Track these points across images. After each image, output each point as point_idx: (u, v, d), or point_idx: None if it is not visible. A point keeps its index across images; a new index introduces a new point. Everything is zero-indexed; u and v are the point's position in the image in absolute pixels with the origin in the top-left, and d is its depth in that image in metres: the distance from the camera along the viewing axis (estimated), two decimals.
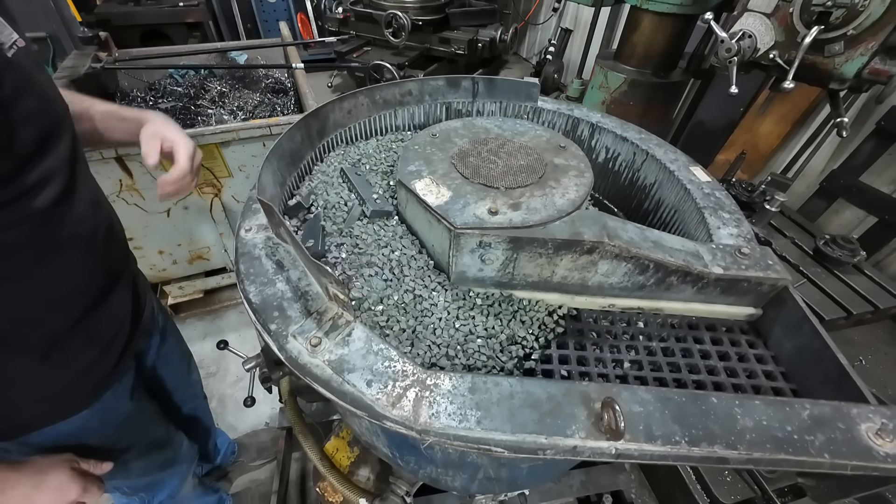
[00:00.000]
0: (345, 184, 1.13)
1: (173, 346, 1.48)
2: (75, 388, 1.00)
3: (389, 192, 1.11)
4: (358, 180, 1.11)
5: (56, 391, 0.97)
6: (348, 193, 1.09)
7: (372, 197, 1.06)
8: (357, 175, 1.13)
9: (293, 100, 3.09)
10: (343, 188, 1.11)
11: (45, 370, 0.93)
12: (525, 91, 1.38)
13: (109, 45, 2.89)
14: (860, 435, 0.60)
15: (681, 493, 1.49)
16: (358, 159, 1.21)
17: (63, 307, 0.92)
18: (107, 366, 1.04)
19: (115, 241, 1.10)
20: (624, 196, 1.36)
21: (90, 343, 1.00)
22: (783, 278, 0.84)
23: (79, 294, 0.95)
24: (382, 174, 1.18)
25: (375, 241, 0.97)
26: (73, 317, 0.94)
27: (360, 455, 1.39)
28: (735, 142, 3.14)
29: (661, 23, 2.31)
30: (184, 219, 2.48)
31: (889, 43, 1.41)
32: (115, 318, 1.07)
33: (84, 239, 0.94)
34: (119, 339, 1.08)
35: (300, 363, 0.68)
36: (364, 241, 0.97)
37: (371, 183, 1.13)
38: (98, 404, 1.04)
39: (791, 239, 2.06)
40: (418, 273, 0.93)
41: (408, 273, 0.92)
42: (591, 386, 0.65)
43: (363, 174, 1.15)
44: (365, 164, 1.20)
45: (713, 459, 0.58)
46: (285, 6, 6.28)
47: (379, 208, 1.03)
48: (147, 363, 1.35)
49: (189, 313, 2.99)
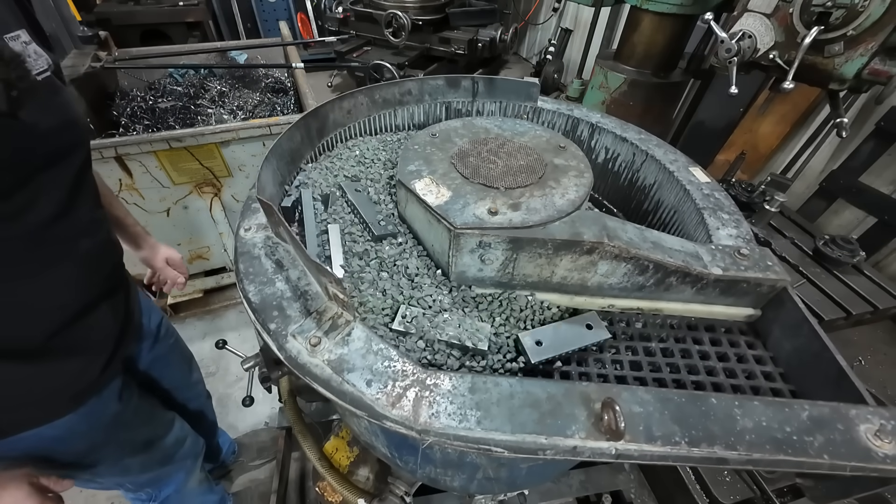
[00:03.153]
0: (343, 199, 1.08)
1: (171, 347, 1.48)
2: (58, 395, 0.99)
3: (393, 208, 1.05)
4: (358, 198, 1.05)
5: (39, 398, 0.96)
6: (348, 212, 1.04)
7: (376, 219, 1.00)
8: (356, 192, 1.07)
9: (293, 99, 3.09)
10: (343, 204, 1.06)
11: (29, 377, 0.93)
12: (525, 91, 1.38)
13: (109, 45, 2.89)
14: (859, 436, 0.60)
15: (680, 493, 1.49)
16: (354, 169, 1.16)
17: (49, 318, 0.92)
18: (92, 373, 1.04)
19: (110, 258, 1.10)
20: (623, 197, 1.36)
21: (75, 353, 0.99)
22: (782, 279, 0.84)
23: (65, 307, 0.95)
24: (384, 184, 1.14)
25: (380, 261, 0.95)
26: (58, 327, 0.93)
27: (359, 455, 1.39)
28: (735, 142, 3.14)
29: (661, 23, 2.31)
30: (183, 218, 2.48)
31: (889, 43, 1.41)
32: (102, 330, 1.06)
33: (78, 256, 0.95)
34: (105, 349, 1.07)
35: (299, 363, 0.68)
36: (370, 259, 0.95)
37: (371, 198, 1.08)
38: (84, 409, 1.03)
39: (790, 239, 2.06)
40: (430, 289, 0.91)
41: (421, 289, 0.91)
42: (591, 386, 0.65)
43: (363, 189, 1.10)
44: (362, 175, 1.16)
45: (713, 460, 0.58)
46: (285, 6, 6.27)
47: (384, 232, 0.98)
48: (140, 365, 1.35)
49: (188, 313, 2.99)
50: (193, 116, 2.77)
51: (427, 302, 0.88)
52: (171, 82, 3.04)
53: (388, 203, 1.09)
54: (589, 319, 0.87)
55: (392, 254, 0.96)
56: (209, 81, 3.08)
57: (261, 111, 2.90)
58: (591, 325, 0.86)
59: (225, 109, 2.84)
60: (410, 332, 0.81)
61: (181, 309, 2.98)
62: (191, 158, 2.22)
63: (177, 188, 2.32)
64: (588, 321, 0.87)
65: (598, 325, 0.87)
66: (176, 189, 2.32)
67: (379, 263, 0.94)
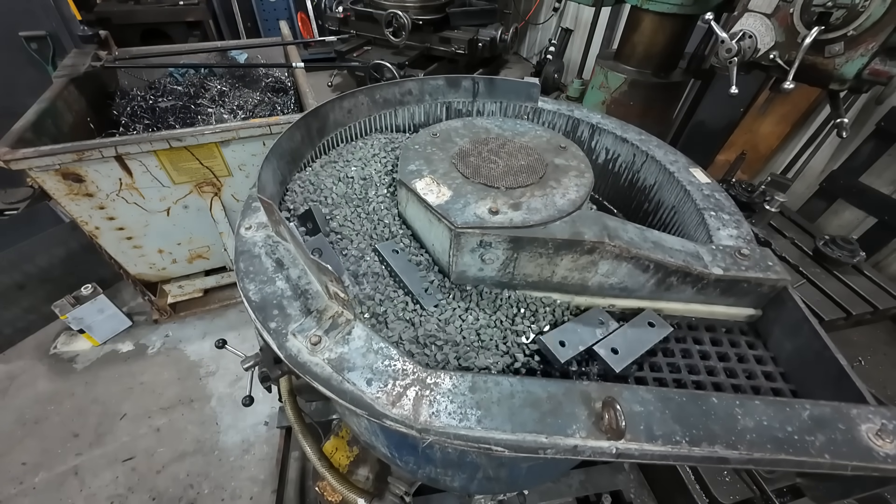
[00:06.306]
0: (378, 261, 0.95)
1: None
2: None
3: (436, 275, 0.93)
4: (398, 262, 0.92)
5: None
6: (385, 273, 0.92)
7: (421, 288, 0.89)
8: (394, 253, 0.94)
9: (293, 99, 3.08)
10: (376, 264, 0.94)
11: None
12: (525, 91, 1.38)
13: (109, 44, 2.89)
14: (860, 436, 0.60)
15: (680, 492, 1.49)
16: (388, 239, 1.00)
17: None
18: None
19: None
20: (624, 197, 1.36)
21: None
22: (783, 279, 0.84)
23: None
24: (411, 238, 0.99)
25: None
26: None
27: (359, 455, 1.39)
28: (735, 142, 3.14)
29: (662, 23, 2.31)
30: (184, 218, 2.48)
31: (889, 44, 1.41)
32: None
33: None
34: None
35: (300, 361, 0.68)
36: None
37: (411, 260, 0.95)
38: None
39: (791, 239, 2.06)
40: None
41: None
42: (592, 385, 0.65)
43: (402, 250, 0.96)
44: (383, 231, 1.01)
45: (714, 459, 0.58)
46: (285, 5, 6.27)
47: (432, 303, 0.88)
48: None
49: (188, 312, 2.99)
50: (193, 116, 2.77)
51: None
52: (172, 82, 3.04)
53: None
54: (650, 318, 0.88)
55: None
56: (209, 81, 3.08)
57: (261, 111, 2.90)
58: (652, 322, 0.87)
59: (225, 109, 2.84)
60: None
61: (181, 308, 2.98)
62: (191, 158, 2.21)
63: (177, 187, 2.32)
64: (649, 319, 0.88)
65: (659, 322, 0.87)
66: (176, 188, 2.32)
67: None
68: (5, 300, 2.74)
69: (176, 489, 2.19)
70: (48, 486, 2.18)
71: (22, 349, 2.79)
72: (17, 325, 2.80)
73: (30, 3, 3.28)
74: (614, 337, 0.84)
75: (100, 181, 2.12)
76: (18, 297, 2.78)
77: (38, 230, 2.91)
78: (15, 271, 2.76)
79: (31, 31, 3.37)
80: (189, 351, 2.82)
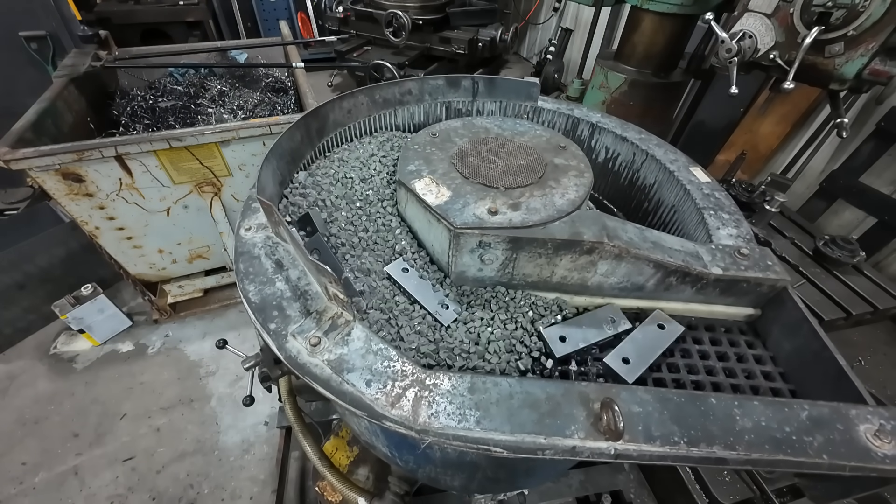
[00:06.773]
0: (394, 286, 0.93)
1: None
2: None
3: (453, 291, 0.92)
4: (411, 283, 0.91)
5: None
6: (401, 297, 0.91)
7: (438, 308, 0.88)
8: (403, 272, 0.93)
9: (293, 99, 3.09)
10: (392, 290, 0.92)
11: None
12: (525, 91, 1.38)
13: (109, 44, 2.89)
14: (859, 436, 0.60)
15: (680, 492, 1.49)
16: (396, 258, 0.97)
17: None
18: None
19: None
20: (624, 196, 1.36)
21: None
22: (782, 279, 0.84)
23: None
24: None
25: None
26: None
27: (359, 454, 1.39)
28: (735, 142, 3.14)
29: (662, 23, 2.31)
30: (184, 218, 2.48)
31: (889, 44, 1.41)
32: None
33: None
34: None
35: (299, 362, 0.68)
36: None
37: (426, 278, 0.93)
38: None
39: (791, 239, 2.06)
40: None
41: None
42: (591, 386, 0.65)
43: (415, 268, 0.94)
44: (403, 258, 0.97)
45: (712, 460, 0.58)
46: (285, 5, 6.27)
47: (450, 318, 0.87)
48: None
49: (188, 312, 2.99)
50: (193, 116, 2.77)
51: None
52: (172, 82, 3.04)
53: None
54: (659, 319, 0.88)
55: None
56: (209, 81, 3.08)
57: (261, 111, 2.90)
58: (662, 324, 0.87)
59: (225, 109, 2.84)
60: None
61: (181, 308, 2.98)
62: (191, 158, 2.22)
63: (177, 187, 2.32)
64: (659, 321, 0.88)
65: (669, 323, 0.87)
66: (176, 188, 2.32)
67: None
68: (5, 300, 2.74)
69: (176, 489, 2.19)
70: (48, 486, 2.18)
71: (22, 349, 2.79)
72: (17, 325, 2.81)
73: (30, 3, 3.28)
74: (624, 345, 0.84)
75: (100, 181, 2.12)
76: (18, 297, 2.79)
77: (38, 230, 2.91)
78: (15, 271, 2.76)
79: (31, 31, 3.37)
80: (189, 351, 2.82)
